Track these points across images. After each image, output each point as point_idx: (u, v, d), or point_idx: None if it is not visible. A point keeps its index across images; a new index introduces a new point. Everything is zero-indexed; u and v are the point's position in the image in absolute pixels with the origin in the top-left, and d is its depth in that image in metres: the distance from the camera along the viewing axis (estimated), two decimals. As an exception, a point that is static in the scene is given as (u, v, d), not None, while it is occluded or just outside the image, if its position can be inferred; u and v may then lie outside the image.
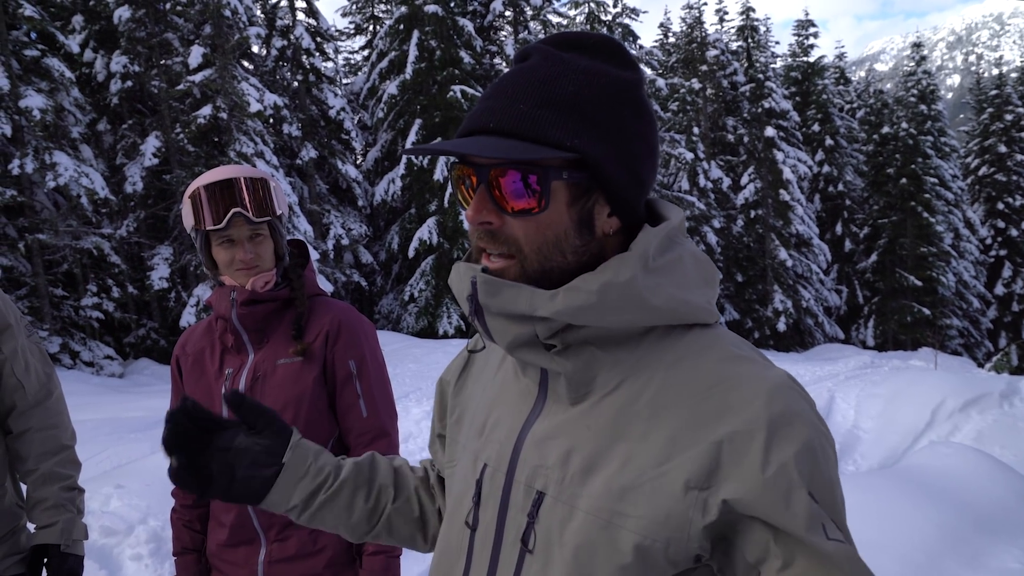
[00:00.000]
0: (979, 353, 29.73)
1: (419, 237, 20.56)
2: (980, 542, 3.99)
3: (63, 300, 15.79)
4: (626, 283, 0.87)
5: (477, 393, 1.13)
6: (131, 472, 5.06)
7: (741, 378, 0.87)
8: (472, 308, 0.92)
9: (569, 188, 0.89)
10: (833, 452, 0.88)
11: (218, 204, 1.84)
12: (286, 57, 21.68)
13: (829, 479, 0.85)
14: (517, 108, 0.87)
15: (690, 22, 29.30)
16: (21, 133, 14.37)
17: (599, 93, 0.88)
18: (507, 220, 0.90)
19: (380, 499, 1.21)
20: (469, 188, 0.92)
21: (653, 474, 0.85)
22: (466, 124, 0.91)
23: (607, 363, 0.91)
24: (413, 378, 11.45)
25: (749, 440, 0.82)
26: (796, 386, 0.89)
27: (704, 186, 25.41)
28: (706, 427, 0.85)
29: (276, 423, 1.11)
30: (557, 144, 0.86)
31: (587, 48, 0.92)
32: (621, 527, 0.85)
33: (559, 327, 0.89)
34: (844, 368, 13.56)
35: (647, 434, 0.87)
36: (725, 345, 0.92)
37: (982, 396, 7.89)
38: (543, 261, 0.90)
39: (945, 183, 30.23)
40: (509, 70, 0.94)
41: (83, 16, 18.11)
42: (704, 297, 0.95)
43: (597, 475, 0.88)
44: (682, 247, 0.95)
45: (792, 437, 0.83)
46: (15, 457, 2.00)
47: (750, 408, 0.84)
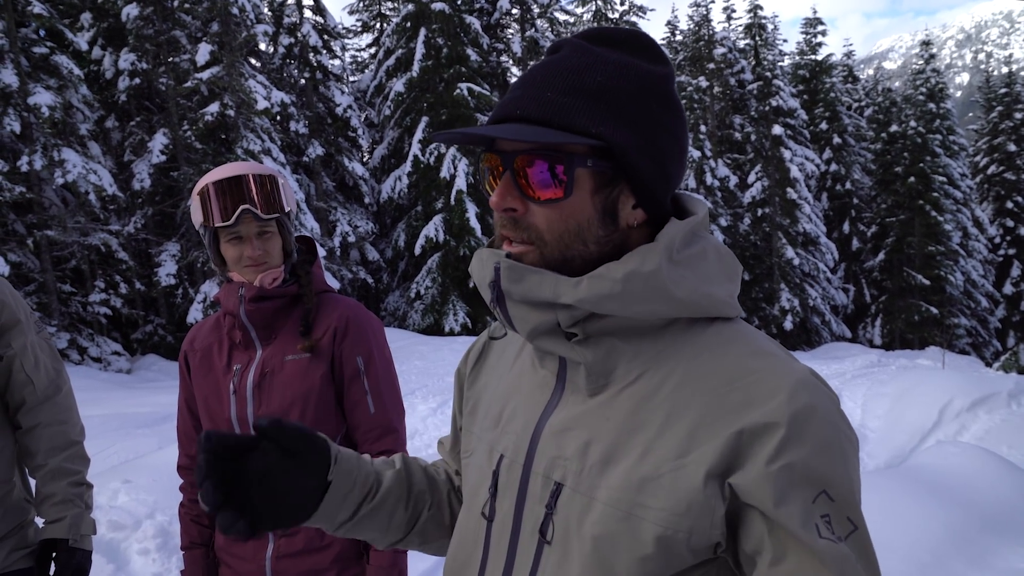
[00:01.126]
0: (987, 352, 29.58)
1: (425, 234, 20.58)
2: (987, 542, 3.98)
3: (71, 296, 15.87)
4: (651, 273, 0.87)
5: (492, 383, 1.12)
6: (138, 467, 5.09)
7: (764, 372, 0.87)
8: (494, 295, 0.92)
9: (593, 176, 0.89)
10: (853, 450, 0.87)
11: (227, 200, 1.84)
12: (293, 54, 21.71)
13: (846, 478, 0.84)
14: (544, 96, 0.87)
15: (697, 20, 29.21)
16: (30, 130, 14.44)
17: (627, 84, 0.88)
18: (531, 207, 0.90)
19: (418, 506, 1.20)
20: (495, 176, 0.92)
21: (673, 465, 0.85)
22: (496, 113, 0.91)
23: (627, 354, 0.91)
24: (419, 375, 11.46)
25: (769, 433, 0.82)
26: (820, 382, 0.88)
27: (711, 184, 25.34)
28: (727, 419, 0.84)
29: (316, 441, 1.05)
30: (583, 131, 0.86)
31: (618, 42, 0.92)
32: (642, 518, 0.85)
33: (581, 316, 0.89)
34: (851, 367, 13.51)
35: (667, 426, 0.87)
36: (748, 339, 0.92)
37: (990, 396, 7.86)
38: (564, 249, 0.89)
39: (954, 182, 30.08)
40: (541, 61, 0.94)
41: (91, 14, 18.20)
42: (726, 291, 0.94)
43: (616, 466, 0.88)
44: (706, 241, 0.95)
45: (811, 434, 0.82)
46: (24, 452, 2.01)
47: (772, 402, 0.83)
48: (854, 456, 0.86)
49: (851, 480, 0.84)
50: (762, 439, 0.82)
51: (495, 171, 0.92)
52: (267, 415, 1.03)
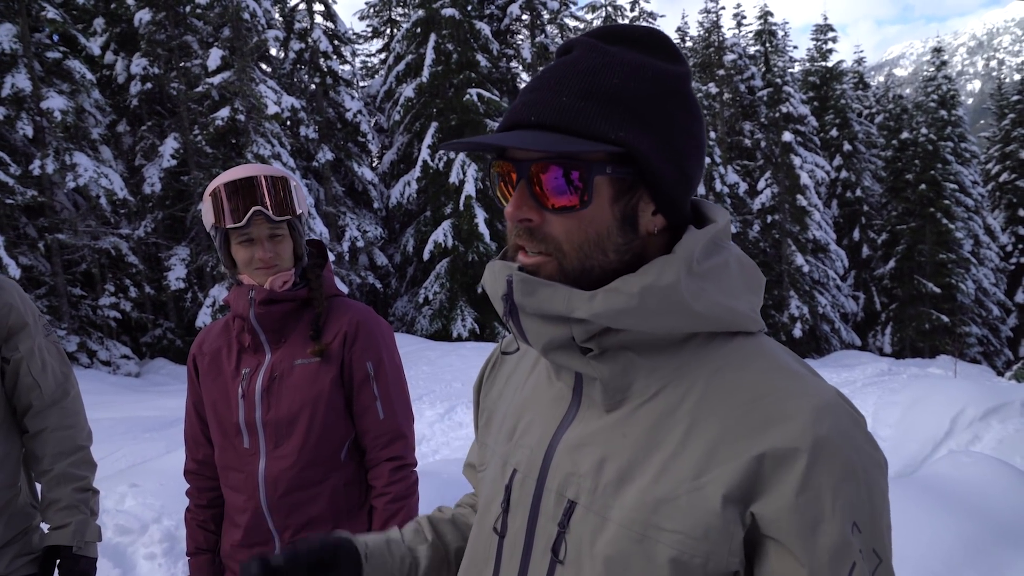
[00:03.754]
0: (999, 361, 29.35)
1: (434, 240, 20.60)
2: (1001, 553, 3.92)
3: (81, 300, 15.94)
4: (669, 287, 0.83)
5: (508, 395, 1.09)
6: (146, 471, 5.08)
7: (787, 392, 0.83)
8: (507, 308, 0.89)
9: (613, 184, 0.85)
10: (882, 476, 0.83)
11: (238, 202, 1.83)
12: (304, 60, 21.81)
13: (873, 506, 0.80)
14: (559, 101, 0.83)
15: (708, 26, 29.22)
16: (42, 134, 14.54)
17: (645, 86, 0.85)
18: (547, 217, 0.86)
19: (455, 565, 1.18)
20: (508, 184, 0.89)
21: (690, 487, 0.81)
22: (507, 118, 0.87)
23: (645, 369, 0.88)
24: (427, 380, 11.46)
25: (791, 459, 0.78)
26: (846, 404, 0.84)
27: (720, 191, 25.30)
28: (748, 440, 0.81)
29: (340, 547, 1.06)
30: (601, 137, 0.82)
31: (633, 40, 0.88)
32: (657, 541, 0.82)
33: (596, 330, 0.85)
34: (861, 375, 13.42)
35: (685, 445, 0.83)
36: (771, 356, 0.88)
37: (1003, 405, 7.78)
38: (583, 259, 0.86)
39: (965, 189, 29.93)
40: (551, 63, 0.90)
41: (104, 19, 18.33)
42: (749, 304, 0.91)
43: (631, 485, 0.85)
44: (728, 251, 0.91)
45: (836, 462, 0.79)
46: (31, 457, 1.99)
47: (795, 425, 0.80)
48: (882, 480, 0.82)
49: (878, 508, 0.81)
50: (784, 466, 0.79)
51: (508, 179, 0.89)
52: (280, 552, 1.03)
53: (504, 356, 1.16)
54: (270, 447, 1.88)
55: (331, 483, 1.90)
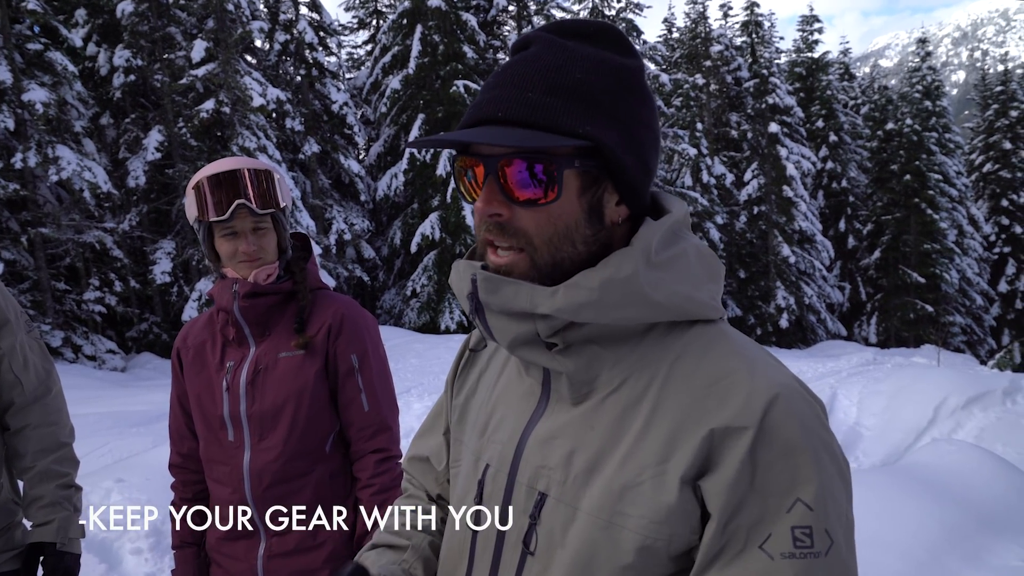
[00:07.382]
0: (982, 350, 29.66)
1: (421, 232, 20.54)
2: (982, 539, 3.98)
3: (65, 294, 15.81)
4: (627, 279, 0.85)
5: (480, 392, 1.11)
6: (132, 466, 5.06)
7: (742, 374, 0.85)
8: (473, 306, 0.91)
9: (580, 177, 0.87)
10: (831, 458, 0.83)
11: (222, 195, 1.82)
12: (289, 51, 21.65)
13: (823, 488, 0.80)
14: (526, 96, 0.85)
15: (694, 17, 29.22)
16: (24, 127, 14.37)
17: (607, 80, 0.87)
18: (517, 211, 0.87)
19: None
20: (473, 180, 0.90)
21: (653, 472, 0.83)
22: (471, 114, 0.88)
23: (609, 362, 0.90)
24: (415, 373, 11.45)
25: (738, 436, 0.80)
26: (801, 388, 0.86)
27: (707, 182, 25.35)
28: (702, 422, 0.83)
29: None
30: (569, 131, 0.84)
31: (589, 36, 0.90)
32: (622, 527, 0.84)
33: (560, 325, 0.88)
34: (846, 365, 13.52)
35: (647, 432, 0.85)
36: (727, 342, 0.90)
37: (985, 393, 7.86)
38: (554, 252, 0.88)
39: (949, 180, 30.14)
40: (511, 59, 0.91)
41: (86, 10, 18.12)
42: (708, 293, 0.93)
43: (599, 475, 0.87)
44: (686, 241, 0.93)
45: (781, 439, 0.80)
46: (12, 454, 1.98)
47: (746, 404, 0.82)
48: (831, 464, 0.82)
49: (827, 489, 0.80)
50: (731, 442, 0.80)
51: (473, 174, 0.90)
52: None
53: (474, 354, 1.17)
54: (255, 440, 1.88)
55: (316, 475, 1.90)
